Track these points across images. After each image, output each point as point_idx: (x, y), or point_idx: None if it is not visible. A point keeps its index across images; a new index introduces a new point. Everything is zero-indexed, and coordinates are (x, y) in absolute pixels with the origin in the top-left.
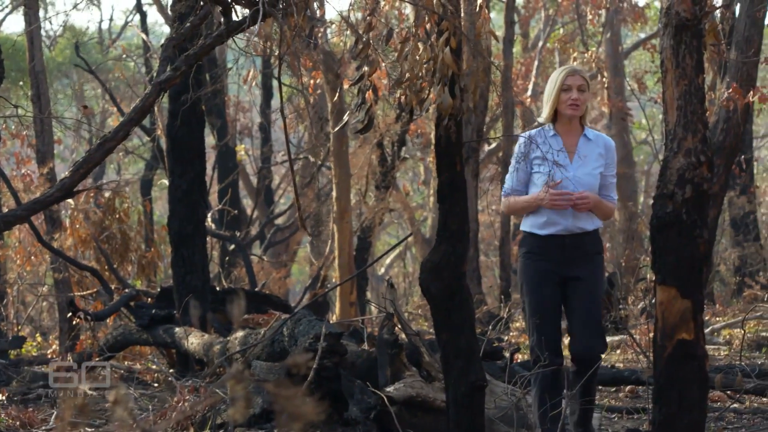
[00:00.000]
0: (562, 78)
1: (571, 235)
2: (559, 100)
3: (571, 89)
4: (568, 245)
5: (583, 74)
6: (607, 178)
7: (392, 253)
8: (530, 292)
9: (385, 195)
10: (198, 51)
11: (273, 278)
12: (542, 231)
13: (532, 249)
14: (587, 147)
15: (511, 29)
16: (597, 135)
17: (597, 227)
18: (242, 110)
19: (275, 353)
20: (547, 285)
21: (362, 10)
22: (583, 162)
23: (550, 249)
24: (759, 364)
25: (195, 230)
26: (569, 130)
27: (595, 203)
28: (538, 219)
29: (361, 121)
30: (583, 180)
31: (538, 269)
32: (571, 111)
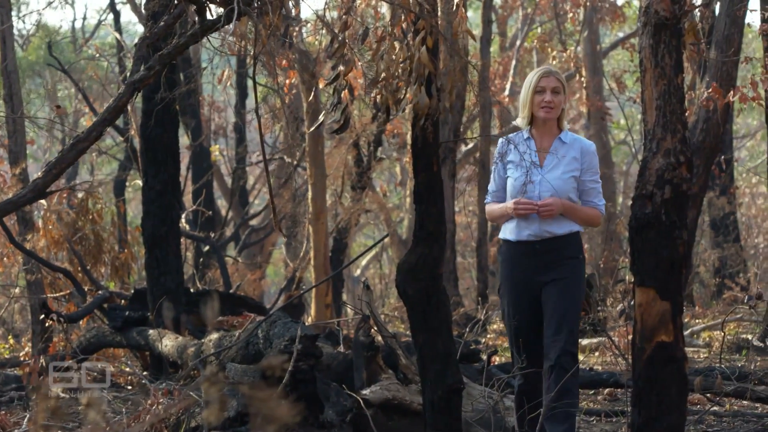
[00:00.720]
0: (535, 80)
1: (541, 240)
2: (533, 102)
3: (544, 91)
4: (539, 251)
5: (558, 75)
6: (587, 184)
7: (368, 255)
8: (508, 304)
9: (361, 196)
10: (172, 50)
11: (248, 280)
12: (513, 237)
13: (506, 256)
14: (560, 150)
15: (488, 28)
16: (574, 138)
17: (571, 231)
18: (217, 110)
19: (250, 355)
20: (523, 297)
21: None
22: (554, 166)
23: (522, 255)
24: (739, 367)
25: (169, 231)
26: (544, 132)
27: (565, 209)
28: (509, 225)
29: (337, 121)
30: (551, 185)
31: (514, 280)
32: (544, 113)
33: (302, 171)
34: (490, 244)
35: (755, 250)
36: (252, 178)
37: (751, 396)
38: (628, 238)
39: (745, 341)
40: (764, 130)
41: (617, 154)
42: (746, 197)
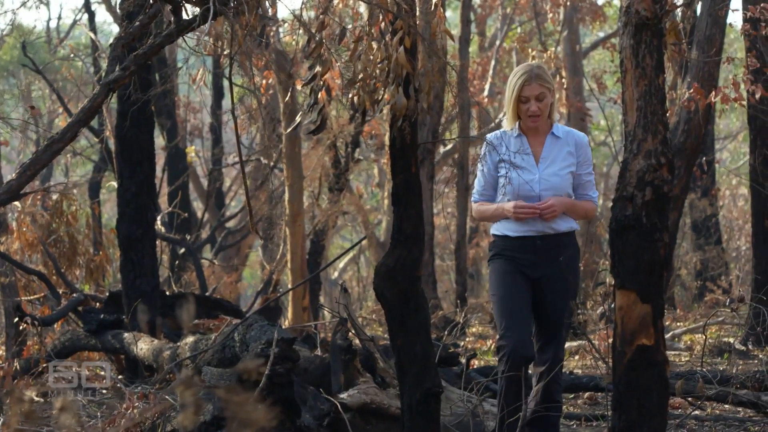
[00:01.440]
0: (518, 88)
1: (543, 236)
2: (519, 109)
3: (528, 101)
4: (540, 247)
5: (542, 80)
6: (582, 177)
7: (346, 257)
8: (498, 287)
9: (339, 197)
10: (147, 50)
11: (224, 282)
12: (514, 233)
13: (502, 251)
14: (555, 146)
15: (467, 28)
16: (567, 132)
17: (571, 228)
18: (193, 111)
19: (226, 359)
20: (516, 278)
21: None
22: (551, 162)
23: (521, 250)
24: (720, 370)
25: (144, 233)
26: (535, 129)
27: (565, 207)
28: (510, 222)
29: (314, 122)
30: (550, 181)
31: (508, 269)
32: (532, 123)
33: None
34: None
35: (737, 252)
36: (228, 180)
37: (733, 400)
38: (608, 241)
39: (727, 344)
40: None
41: (597, 156)
42: (727, 199)
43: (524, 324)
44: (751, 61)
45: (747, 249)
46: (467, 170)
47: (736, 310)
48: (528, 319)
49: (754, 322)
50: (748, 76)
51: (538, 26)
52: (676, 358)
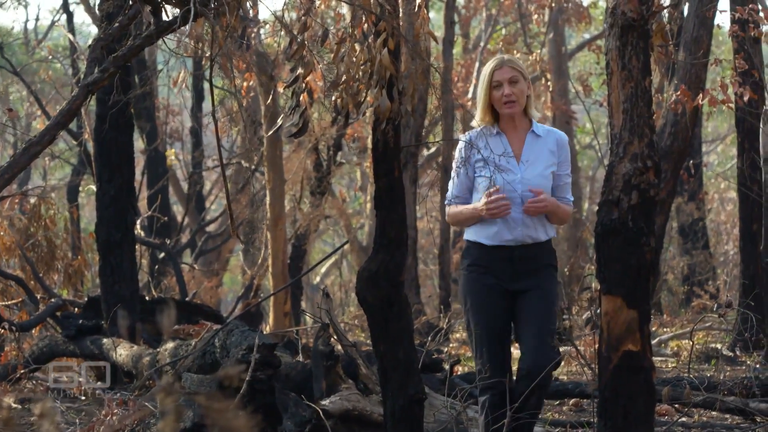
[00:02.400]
0: (489, 74)
1: (522, 246)
2: (493, 99)
3: (501, 85)
4: (517, 258)
5: (514, 63)
6: (561, 178)
7: (328, 262)
8: (475, 312)
9: (321, 201)
10: (127, 52)
11: (204, 287)
12: (489, 241)
13: (477, 261)
14: (536, 145)
15: (451, 30)
16: (548, 130)
17: (550, 237)
18: (172, 113)
19: (207, 365)
20: (493, 303)
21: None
22: (533, 162)
23: (497, 261)
24: (708, 377)
25: (123, 238)
26: (514, 126)
27: (552, 207)
28: (485, 228)
29: (296, 125)
30: (533, 182)
31: (484, 284)
32: (507, 109)
33: (260, 176)
34: (453, 251)
35: (725, 256)
36: (209, 183)
37: (721, 407)
38: (594, 245)
39: (715, 350)
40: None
41: (583, 159)
42: (715, 203)
43: (501, 354)
44: (739, 62)
45: (735, 253)
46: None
47: (724, 316)
48: (505, 345)
49: (742, 327)
50: (736, 78)
51: (522, 28)
52: (663, 364)
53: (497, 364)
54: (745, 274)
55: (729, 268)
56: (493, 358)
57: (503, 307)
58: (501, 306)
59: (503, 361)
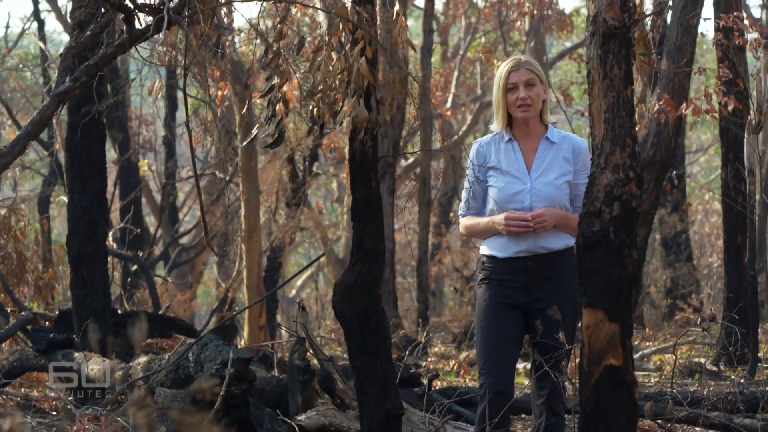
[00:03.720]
0: (504, 76)
1: (535, 256)
2: (507, 102)
3: (516, 88)
4: (532, 268)
5: (531, 66)
6: (580, 187)
7: (304, 274)
8: (481, 317)
9: (296, 213)
10: (99, 61)
11: (178, 300)
12: (502, 253)
13: (492, 275)
14: (549, 152)
15: (429, 38)
16: (563, 136)
17: (567, 245)
18: (145, 123)
19: (180, 379)
20: (501, 310)
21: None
22: (544, 170)
23: (512, 274)
24: (691, 392)
25: (95, 250)
26: (528, 132)
27: (557, 220)
28: (497, 241)
29: (271, 135)
30: (543, 192)
31: (497, 295)
32: (522, 113)
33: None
34: (432, 264)
35: (708, 269)
36: (182, 195)
37: (704, 422)
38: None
39: (698, 365)
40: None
41: None
42: (699, 214)
43: (505, 361)
44: (723, 71)
45: (719, 266)
46: (429, 185)
47: (708, 330)
48: (510, 355)
49: (726, 341)
50: (720, 87)
51: (502, 36)
52: (646, 378)
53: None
54: (729, 287)
55: (713, 280)
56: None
57: (511, 317)
58: (509, 315)
59: (503, 373)
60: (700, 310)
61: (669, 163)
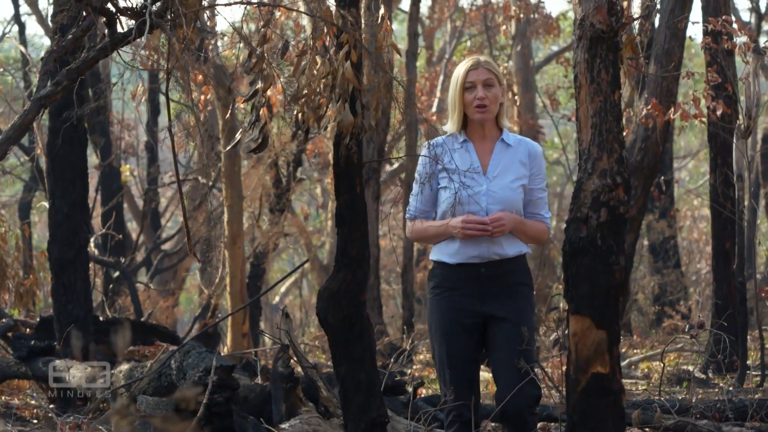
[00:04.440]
0: (462, 75)
1: (488, 263)
2: (464, 101)
3: (474, 87)
4: (485, 276)
5: (490, 66)
6: (534, 193)
7: (287, 281)
8: (439, 339)
9: (280, 219)
10: (81, 65)
11: (160, 307)
12: (452, 259)
13: (442, 282)
14: (505, 154)
15: (414, 42)
16: (519, 140)
17: (520, 252)
18: (127, 128)
19: (163, 387)
20: (459, 330)
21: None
22: (500, 173)
23: (463, 281)
24: (679, 400)
25: (77, 256)
26: (483, 135)
27: (515, 225)
28: (448, 245)
29: (255, 140)
30: (499, 195)
31: (450, 308)
32: (479, 114)
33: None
34: (417, 270)
35: (697, 275)
36: (165, 200)
37: (693, 431)
38: (561, 264)
39: (686, 373)
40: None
41: (551, 175)
42: (687, 220)
43: (467, 385)
44: (711, 75)
45: (707, 272)
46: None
47: (696, 337)
48: (469, 373)
49: (715, 349)
50: (709, 91)
51: (488, 40)
52: (633, 386)
53: (461, 393)
54: (717, 294)
55: (701, 287)
56: (457, 387)
57: (470, 331)
58: (467, 330)
59: (468, 389)
60: (689, 317)
61: (657, 169)
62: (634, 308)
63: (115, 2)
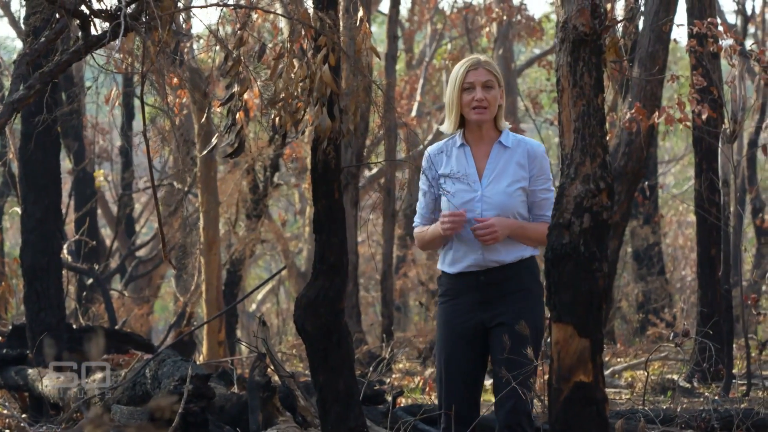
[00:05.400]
0: (461, 75)
1: (487, 270)
2: (462, 102)
3: (473, 88)
4: (484, 283)
5: (490, 66)
6: (537, 194)
7: (264, 288)
8: (440, 350)
9: (257, 225)
10: (54, 68)
11: (134, 315)
12: (452, 269)
13: (446, 291)
14: (502, 157)
15: (394, 44)
16: (518, 140)
17: (522, 257)
18: (101, 132)
19: (137, 396)
20: (459, 341)
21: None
22: (496, 177)
23: (464, 290)
24: (664, 409)
25: (50, 263)
26: (480, 137)
27: (511, 230)
28: (447, 255)
29: (231, 145)
30: (494, 200)
31: (452, 317)
32: (476, 116)
33: (193, 198)
34: (396, 277)
35: (681, 283)
36: (139, 206)
37: None
38: (543, 271)
39: (671, 382)
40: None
41: None
42: (673, 226)
43: (464, 400)
44: (696, 79)
45: (692, 279)
46: (394, 196)
47: (681, 345)
48: (467, 383)
49: (700, 357)
50: (694, 95)
51: (469, 42)
52: (617, 396)
53: (458, 406)
54: (702, 302)
55: (686, 294)
56: (455, 399)
57: (471, 343)
58: (468, 341)
59: (467, 402)
60: (673, 325)
61: (641, 174)
62: (618, 316)
63: (89, 4)
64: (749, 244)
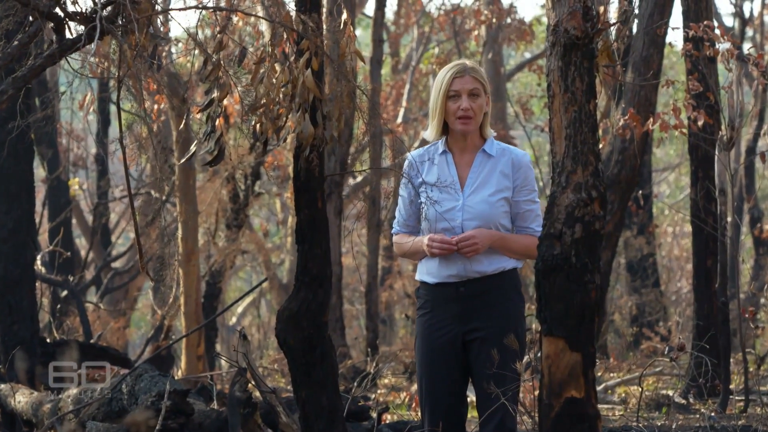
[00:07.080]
0: (446, 82)
1: (467, 281)
2: (446, 110)
3: (459, 96)
4: (464, 295)
5: (476, 73)
6: (521, 205)
7: (245, 301)
8: (420, 364)
9: (238, 235)
10: (27, 73)
11: (111, 328)
12: (431, 279)
13: (425, 303)
14: (486, 166)
15: (379, 49)
16: (503, 149)
17: (503, 269)
18: (76, 139)
19: (113, 413)
20: (439, 356)
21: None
22: (479, 186)
23: (443, 301)
24: (658, 426)
25: (23, 274)
26: (464, 146)
27: (493, 241)
28: (427, 264)
29: (211, 152)
30: (476, 209)
31: (431, 329)
32: (461, 126)
33: (171, 207)
34: (381, 289)
35: (677, 295)
36: (115, 215)
37: None
38: (534, 283)
39: (666, 397)
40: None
41: None
42: (667, 237)
43: (446, 407)
44: (692, 84)
45: (688, 292)
46: (379, 205)
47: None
48: (451, 398)
49: (696, 372)
50: (690, 100)
51: (457, 46)
52: (610, 412)
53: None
54: (698, 314)
55: (682, 307)
56: (440, 416)
57: (455, 355)
58: (452, 355)
59: (452, 418)
60: (668, 338)
61: (634, 182)
62: (611, 329)
63: (64, 7)
64: (747, 255)
